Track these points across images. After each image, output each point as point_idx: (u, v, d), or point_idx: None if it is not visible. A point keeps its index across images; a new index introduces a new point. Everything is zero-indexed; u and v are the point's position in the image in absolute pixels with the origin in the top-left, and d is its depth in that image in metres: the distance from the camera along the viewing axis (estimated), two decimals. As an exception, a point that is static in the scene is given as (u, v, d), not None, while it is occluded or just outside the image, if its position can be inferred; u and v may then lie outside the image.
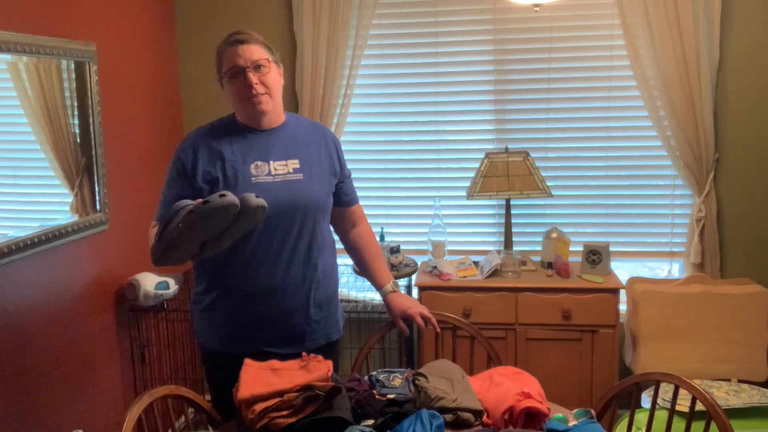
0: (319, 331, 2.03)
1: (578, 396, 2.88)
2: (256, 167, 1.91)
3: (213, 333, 2.01)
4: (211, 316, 2.00)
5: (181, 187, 1.93)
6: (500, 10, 3.19)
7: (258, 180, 1.90)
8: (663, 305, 2.91)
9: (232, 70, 1.88)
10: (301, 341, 1.99)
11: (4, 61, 2.21)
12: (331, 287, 2.08)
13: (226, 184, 1.89)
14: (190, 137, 1.99)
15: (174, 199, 1.91)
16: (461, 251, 3.34)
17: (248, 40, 1.89)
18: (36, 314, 2.36)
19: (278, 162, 1.94)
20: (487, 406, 1.75)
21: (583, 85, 3.20)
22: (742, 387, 2.78)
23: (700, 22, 2.93)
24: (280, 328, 1.97)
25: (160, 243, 1.72)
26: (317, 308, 2.01)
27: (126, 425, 1.60)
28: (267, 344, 1.96)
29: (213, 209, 1.63)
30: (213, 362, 2.06)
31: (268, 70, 1.90)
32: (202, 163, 1.92)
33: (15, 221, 2.30)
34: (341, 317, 2.16)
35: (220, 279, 1.96)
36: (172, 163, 1.96)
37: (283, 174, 1.93)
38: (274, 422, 1.63)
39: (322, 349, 2.00)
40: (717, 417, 1.70)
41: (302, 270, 1.96)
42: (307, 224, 1.95)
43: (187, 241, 1.71)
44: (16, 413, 2.25)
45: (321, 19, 3.14)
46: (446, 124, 3.32)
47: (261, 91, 1.89)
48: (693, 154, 3.03)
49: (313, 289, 1.99)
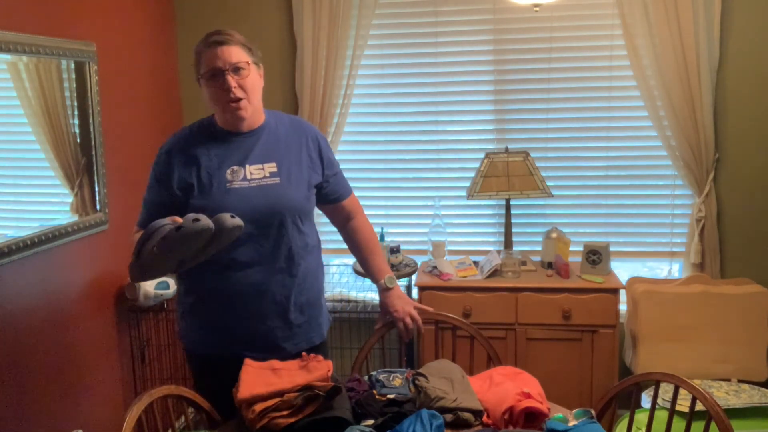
0: (300, 335, 2.01)
1: (578, 396, 2.88)
2: (231, 172, 1.89)
3: (194, 335, 2.00)
4: (191, 318, 1.99)
5: (158, 193, 1.93)
6: (500, 10, 3.19)
7: (233, 185, 1.88)
8: (663, 305, 2.91)
9: (210, 72, 1.85)
10: (282, 345, 1.97)
11: (4, 61, 2.21)
12: (314, 291, 2.04)
13: (200, 190, 1.87)
14: (169, 142, 1.97)
15: (152, 206, 1.94)
16: (461, 251, 3.34)
17: (228, 41, 1.85)
18: (36, 314, 2.36)
19: (254, 166, 1.92)
20: (487, 406, 1.75)
21: (583, 85, 3.20)
22: (742, 387, 2.78)
23: (700, 22, 2.93)
24: (258, 333, 1.95)
25: (137, 263, 1.70)
26: (298, 312, 1.99)
27: (126, 425, 1.60)
28: (246, 349, 1.93)
29: (186, 235, 1.62)
30: (195, 363, 2.06)
31: (247, 72, 1.87)
32: (178, 169, 1.90)
33: (15, 221, 2.30)
34: (326, 321, 2.13)
35: (199, 283, 1.94)
36: (152, 168, 1.96)
37: (258, 179, 1.91)
38: (274, 422, 1.63)
39: (305, 353, 1.96)
40: (717, 417, 1.70)
41: (281, 275, 1.93)
42: (284, 229, 1.92)
43: (162, 263, 1.71)
44: (15, 413, 2.25)
45: (321, 19, 3.14)
46: (446, 124, 3.32)
47: (239, 95, 1.85)
48: (693, 154, 3.03)
49: (293, 293, 1.96)
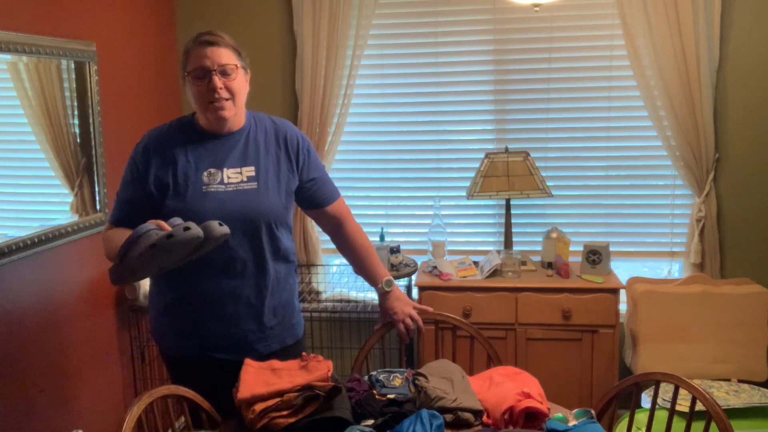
0: (273, 336, 2.00)
1: (578, 396, 2.88)
2: (208, 175, 1.88)
3: (165, 335, 2.00)
4: (163, 318, 1.99)
5: (133, 191, 1.91)
6: (500, 10, 3.19)
7: (209, 189, 1.87)
8: (663, 305, 2.91)
9: (197, 71, 1.84)
10: (253, 347, 1.96)
11: (4, 61, 2.21)
12: (286, 294, 2.03)
13: (176, 191, 1.86)
14: (146, 138, 1.95)
15: (126, 203, 1.92)
16: (461, 251, 3.34)
17: (218, 43, 1.85)
18: (36, 314, 2.36)
19: (232, 170, 1.90)
20: (487, 406, 1.75)
21: (583, 85, 3.20)
22: (742, 387, 2.78)
23: (700, 22, 2.93)
24: (231, 336, 1.94)
25: (120, 267, 1.69)
26: (271, 315, 1.98)
27: (126, 425, 1.59)
28: (218, 351, 1.93)
29: (177, 244, 1.61)
30: (169, 363, 2.06)
31: (234, 75, 1.86)
32: (155, 168, 1.89)
33: (15, 221, 2.30)
34: (299, 322, 2.12)
35: (171, 285, 1.93)
36: (128, 165, 1.94)
37: (236, 183, 1.89)
38: (274, 422, 1.63)
39: (276, 354, 1.97)
40: (717, 417, 1.70)
41: (254, 278, 1.92)
42: (258, 234, 1.90)
43: (146, 268, 1.70)
44: (15, 413, 2.25)
45: (321, 19, 3.14)
46: (446, 124, 3.32)
47: (225, 96, 1.84)
48: (693, 154, 3.03)
49: (267, 296, 1.95)
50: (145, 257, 1.62)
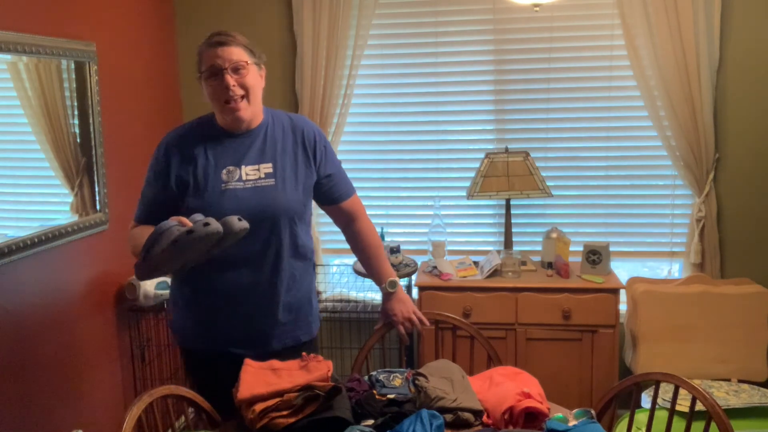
0: (287, 333, 2.02)
1: (578, 396, 2.88)
2: (227, 173, 1.91)
3: (184, 329, 2.03)
4: (182, 312, 2.02)
5: (156, 190, 1.95)
6: (500, 10, 3.19)
7: (228, 186, 1.89)
8: (663, 305, 2.91)
9: (210, 70, 1.87)
10: (267, 342, 1.99)
11: (4, 61, 2.21)
12: (303, 291, 2.05)
13: (196, 189, 1.89)
14: (168, 137, 1.99)
15: (150, 202, 1.97)
16: (461, 251, 3.34)
17: (229, 42, 1.87)
18: (36, 314, 2.36)
19: (250, 167, 1.93)
20: (487, 406, 1.75)
21: (583, 85, 3.20)
22: (742, 387, 2.78)
23: (700, 22, 2.93)
24: (245, 330, 1.97)
25: (145, 264, 1.73)
26: (287, 311, 2.00)
27: (126, 425, 1.60)
28: (233, 345, 1.97)
29: (197, 238, 1.65)
30: (187, 357, 2.09)
31: (246, 72, 1.88)
32: (175, 167, 1.92)
33: (15, 221, 2.30)
34: (316, 320, 2.14)
35: (190, 279, 1.97)
36: (150, 164, 1.98)
37: (254, 180, 1.92)
38: (274, 422, 1.63)
39: (290, 350, 1.99)
40: (717, 417, 1.70)
41: (270, 275, 1.95)
42: (276, 231, 1.93)
43: (170, 263, 1.74)
44: (16, 413, 2.25)
45: (321, 19, 3.14)
46: (446, 124, 3.32)
47: (239, 93, 1.87)
48: (693, 154, 3.03)
49: (282, 293, 1.97)
50: (167, 253, 1.66)
